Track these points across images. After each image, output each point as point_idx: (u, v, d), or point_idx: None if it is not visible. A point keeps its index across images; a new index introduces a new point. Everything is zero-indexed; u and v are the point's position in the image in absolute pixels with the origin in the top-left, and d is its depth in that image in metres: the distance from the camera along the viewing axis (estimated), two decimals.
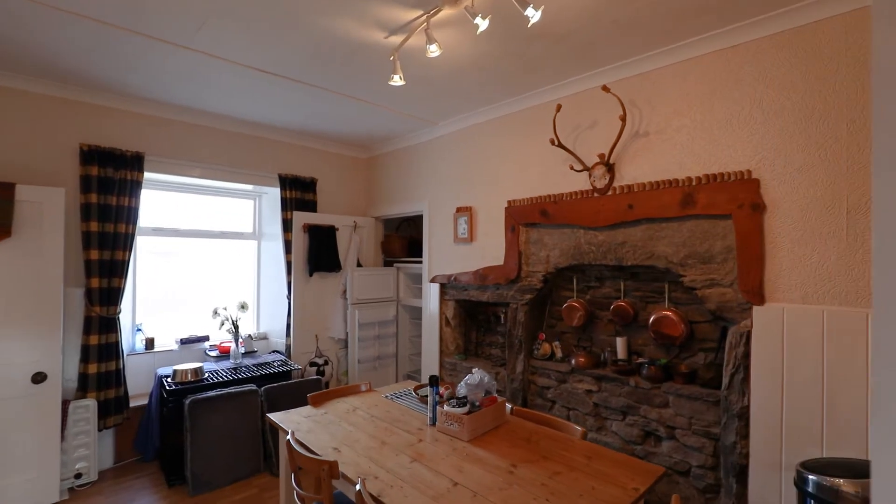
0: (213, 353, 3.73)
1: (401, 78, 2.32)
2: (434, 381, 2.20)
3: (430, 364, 3.95)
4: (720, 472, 2.35)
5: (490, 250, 3.45)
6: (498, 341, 3.80)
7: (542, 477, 1.68)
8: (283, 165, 4.15)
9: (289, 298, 4.05)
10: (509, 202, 3.31)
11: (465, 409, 2.08)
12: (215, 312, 3.62)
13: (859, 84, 1.91)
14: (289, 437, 1.91)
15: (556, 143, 2.85)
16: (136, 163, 3.25)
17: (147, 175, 3.40)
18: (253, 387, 3.21)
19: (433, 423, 2.18)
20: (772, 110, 2.14)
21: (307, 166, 4.33)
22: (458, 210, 3.69)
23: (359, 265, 4.45)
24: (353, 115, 3.61)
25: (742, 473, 2.20)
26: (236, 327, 3.66)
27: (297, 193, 4.16)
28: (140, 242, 3.61)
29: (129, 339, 3.52)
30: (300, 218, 4.07)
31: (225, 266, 4.25)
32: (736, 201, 2.23)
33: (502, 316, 3.71)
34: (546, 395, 3.16)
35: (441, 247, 3.89)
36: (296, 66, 2.71)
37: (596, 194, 2.80)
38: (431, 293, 3.96)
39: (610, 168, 2.72)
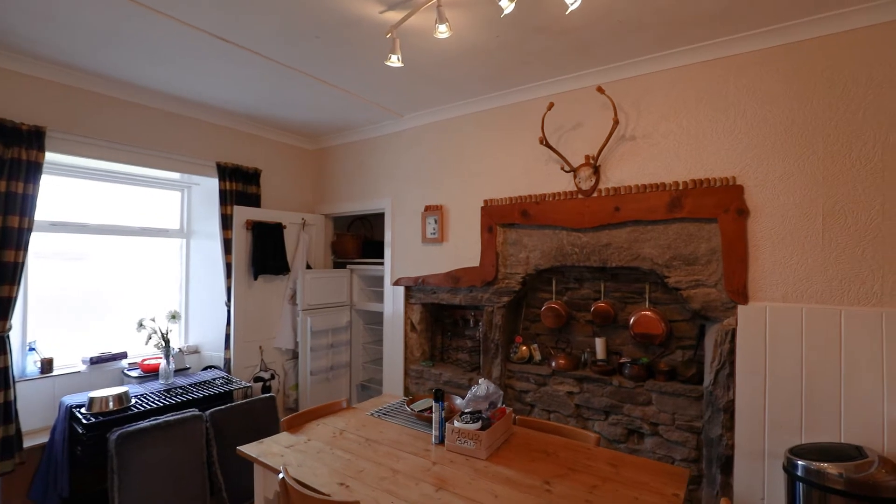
0: (135, 374, 3.11)
1: (399, 59, 2.09)
2: (440, 396, 2.00)
3: (393, 373, 3.70)
4: (703, 464, 2.46)
5: (464, 251, 3.31)
6: (466, 345, 3.67)
7: (581, 492, 1.58)
8: (222, 153, 3.61)
9: (228, 305, 3.53)
10: (486, 201, 3.20)
11: (479, 424, 1.91)
12: (141, 325, 3.01)
13: (834, 103, 2.10)
14: (282, 475, 1.59)
15: (544, 142, 2.80)
16: (34, 139, 2.57)
17: (49, 156, 2.72)
18: (195, 411, 2.71)
19: (440, 442, 1.98)
20: (755, 121, 2.28)
21: (250, 155, 3.82)
22: (428, 209, 3.50)
23: (308, 267, 4.04)
24: (309, 100, 3.24)
25: (727, 464, 2.32)
26: (167, 341, 3.08)
27: (239, 185, 3.64)
28: (36, 240, 2.87)
29: (20, 362, 2.78)
30: (242, 213, 3.57)
31: (146, 269, 3.58)
32: (722, 206, 2.35)
33: (471, 319, 3.60)
34: (525, 399, 3.10)
35: (407, 247, 3.66)
36: (256, 34, 2.32)
37: (580, 196, 2.80)
38: (395, 297, 3.71)
39: (596, 170, 2.73)
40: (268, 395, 3.17)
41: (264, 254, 3.64)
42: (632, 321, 2.80)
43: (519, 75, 2.80)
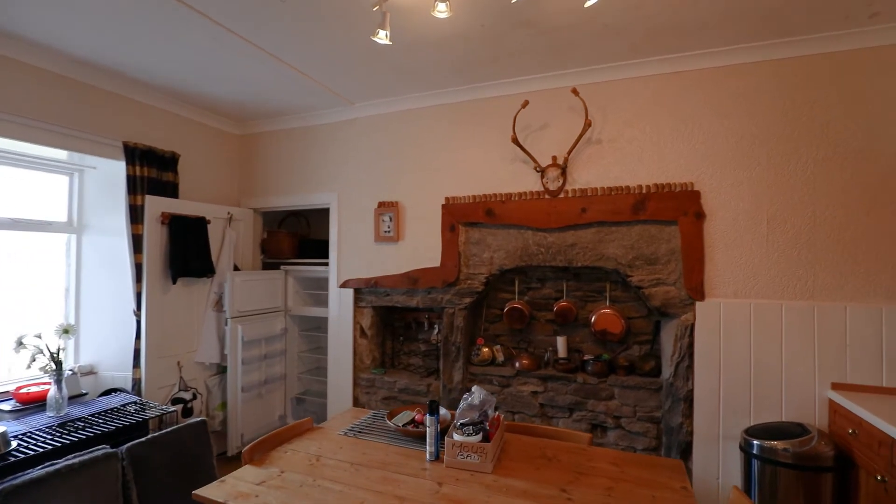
0: (8, 406, 2.41)
1: (388, 36, 1.88)
2: (435, 408, 1.83)
3: (339, 383, 3.39)
4: (662, 451, 2.62)
5: (422, 251, 3.15)
6: (419, 349, 3.51)
7: (599, 496, 1.54)
8: (130, 131, 2.98)
9: (138, 314, 2.93)
10: (448, 199, 3.07)
11: (480, 435, 1.79)
12: (20, 343, 2.34)
13: (776, 121, 2.37)
14: None
15: (515, 141, 2.77)
16: None
17: None
18: (106, 448, 2.17)
19: (435, 459, 1.81)
20: (710, 133, 2.49)
21: (167, 136, 3.22)
22: (382, 205, 3.27)
23: (235, 268, 3.54)
24: (245, 75, 2.81)
25: (687, 449, 2.50)
26: (58, 363, 2.44)
27: (152, 171, 3.05)
28: None
29: None
30: (157, 205, 2.99)
31: (22, 272, 2.82)
32: (681, 209, 2.52)
33: (426, 322, 3.45)
34: None
35: (356, 247, 3.38)
36: None
37: (547, 196, 2.81)
38: (342, 300, 3.41)
39: (563, 171, 2.77)
40: (197, 419, 2.68)
41: (185, 253, 3.09)
42: (593, 319, 2.90)
43: (491, 70, 2.73)
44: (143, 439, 2.38)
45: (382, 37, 1.88)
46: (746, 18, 2.13)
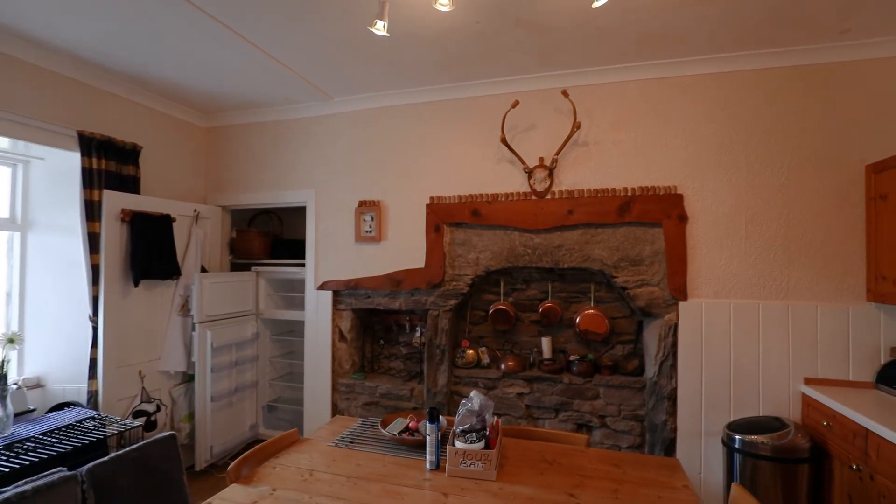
0: None
1: (385, 28, 1.80)
2: (435, 416, 1.77)
3: (316, 389, 3.25)
4: (646, 448, 2.68)
5: (406, 251, 3.07)
6: (400, 353, 3.42)
7: (607, 498, 1.54)
8: (86, 119, 2.72)
9: (94, 320, 2.67)
10: (432, 198, 3.01)
11: (482, 442, 1.74)
12: None
13: (758, 128, 2.47)
14: None
15: (504, 141, 2.74)
16: None
17: None
18: (63, 471, 1.96)
19: (435, 468, 1.75)
20: (693, 138, 2.56)
21: (127, 127, 2.96)
22: (363, 204, 3.16)
23: (203, 270, 3.31)
24: (216, 62, 2.63)
25: (671, 446, 2.56)
26: (2, 377, 2.17)
27: (111, 164, 2.79)
28: None
29: None
30: (117, 200, 2.74)
31: None
32: (665, 212, 2.58)
33: (407, 325, 3.36)
34: None
35: (335, 247, 3.25)
36: None
37: (534, 197, 2.81)
38: (319, 303, 3.27)
39: (551, 172, 2.77)
40: (165, 434, 2.48)
41: (148, 253, 2.86)
42: (577, 320, 2.92)
43: (479, 68, 2.69)
44: (104, 459, 2.17)
45: (380, 28, 1.80)
46: (731, 29, 2.21)
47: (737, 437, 2.28)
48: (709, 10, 2.05)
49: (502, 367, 2.95)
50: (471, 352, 3.05)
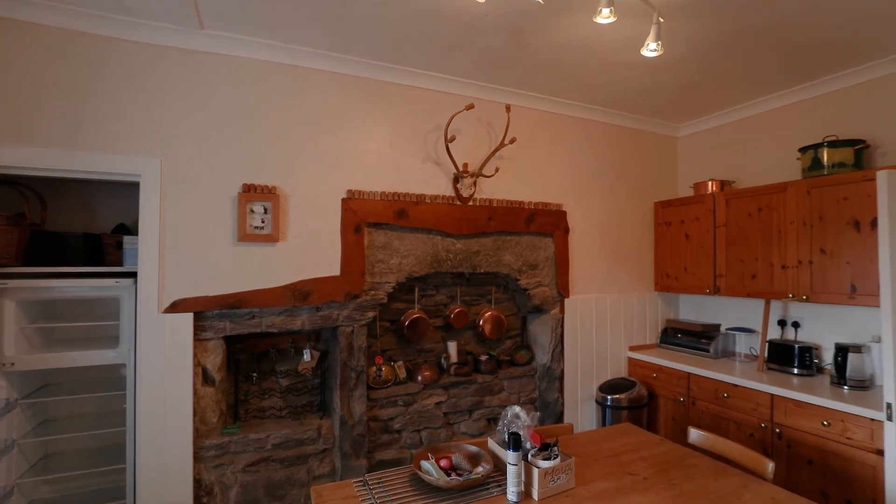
0: None
1: None
2: (517, 442, 1.59)
3: (162, 465, 2.11)
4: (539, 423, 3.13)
5: (314, 255, 2.44)
6: (280, 386, 2.65)
7: (676, 478, 1.77)
8: None
9: None
10: (351, 192, 2.52)
11: (549, 451, 1.71)
12: None
13: (608, 164, 3.33)
14: None
15: (447, 143, 2.61)
16: None
17: None
18: None
19: (518, 499, 1.58)
20: (575, 164, 3.21)
21: None
22: (250, 189, 2.29)
23: None
24: None
25: (560, 418, 3.11)
26: None
27: None
28: None
29: None
30: None
31: None
32: (556, 225, 3.12)
33: (291, 348, 2.65)
34: (392, 427, 2.70)
35: (201, 247, 2.21)
36: None
37: (459, 202, 2.81)
38: (168, 333, 2.14)
39: (475, 180, 2.84)
40: None
41: None
42: (480, 321, 3.10)
43: (417, 56, 2.45)
44: None
45: None
46: (611, 92, 2.94)
47: (608, 397, 3.05)
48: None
49: (419, 378, 2.78)
50: (387, 368, 2.72)
